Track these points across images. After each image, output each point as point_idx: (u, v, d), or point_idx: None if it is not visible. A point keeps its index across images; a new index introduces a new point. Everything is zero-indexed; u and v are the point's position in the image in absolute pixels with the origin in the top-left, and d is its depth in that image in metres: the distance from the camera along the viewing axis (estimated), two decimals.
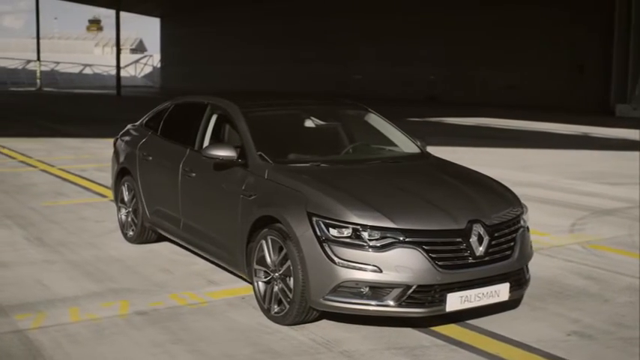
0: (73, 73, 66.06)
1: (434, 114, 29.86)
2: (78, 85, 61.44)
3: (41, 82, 54.07)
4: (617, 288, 6.20)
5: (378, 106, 27.46)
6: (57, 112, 28.13)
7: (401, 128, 6.84)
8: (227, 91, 7.67)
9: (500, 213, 5.17)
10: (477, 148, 17.14)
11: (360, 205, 4.88)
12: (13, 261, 6.77)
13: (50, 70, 64.64)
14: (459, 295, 4.83)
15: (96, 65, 68.70)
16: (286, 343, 4.85)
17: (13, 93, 47.05)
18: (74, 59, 67.82)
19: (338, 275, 4.73)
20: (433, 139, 18.85)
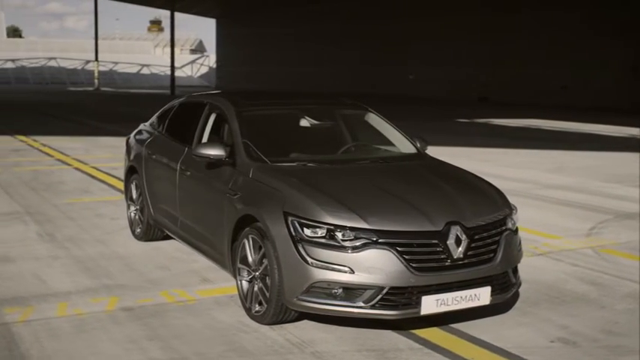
0: (130, 73, 67.34)
1: (483, 115, 29.50)
2: (135, 85, 62.57)
3: (99, 81, 55.24)
4: (618, 294, 6.02)
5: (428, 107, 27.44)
6: (107, 111, 28.70)
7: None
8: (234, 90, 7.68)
9: (482, 215, 5.07)
10: (515, 150, 16.84)
11: (335, 205, 4.83)
12: (19, 256, 6.91)
13: (109, 70, 66.03)
14: (435, 298, 4.74)
15: (153, 65, 69.85)
16: (260, 343, 4.84)
17: (70, 93, 48.16)
18: (132, 59, 69.07)
19: (311, 275, 4.70)
20: (474, 140, 18.68)
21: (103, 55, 64.39)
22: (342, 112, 6.79)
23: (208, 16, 66.28)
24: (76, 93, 47.83)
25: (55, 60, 65.36)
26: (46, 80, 62.30)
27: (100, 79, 56.58)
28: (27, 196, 9.99)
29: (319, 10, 50.77)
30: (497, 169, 13.27)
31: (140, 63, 68.69)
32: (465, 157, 14.84)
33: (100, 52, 60.63)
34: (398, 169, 5.83)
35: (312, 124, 6.25)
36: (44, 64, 65.17)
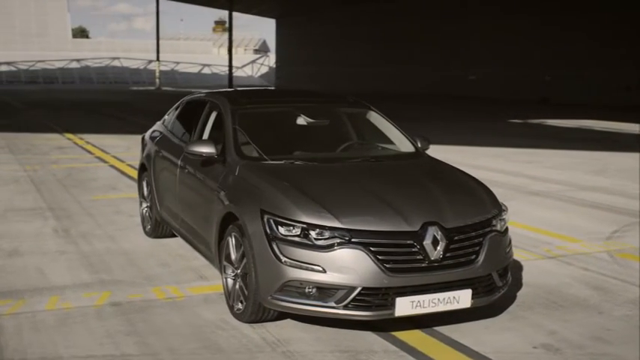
0: (191, 73, 68.28)
1: (539, 115, 28.87)
2: (196, 84, 63.36)
3: (160, 81, 56.17)
4: (621, 300, 5.80)
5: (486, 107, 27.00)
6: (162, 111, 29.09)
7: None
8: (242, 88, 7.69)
9: (465, 216, 4.94)
10: (563, 151, 16.40)
11: (310, 204, 4.78)
12: (29, 250, 7.05)
13: (170, 70, 67.09)
14: (410, 299, 4.64)
15: (214, 65, 70.65)
16: (235, 341, 4.83)
17: (130, 92, 49.06)
18: (194, 59, 70.02)
19: (284, 274, 4.66)
20: (522, 141, 18.28)
21: (165, 55, 65.53)
22: (344, 110, 6.73)
23: (268, 16, 66.74)
24: (136, 92, 48.71)
25: (119, 60, 66.75)
26: (109, 80, 63.69)
27: (162, 78, 57.55)
28: (55, 193, 10.20)
29: (380, 10, 50.55)
30: (537, 170, 12.98)
31: (201, 63, 69.57)
32: (505, 159, 14.58)
33: (162, 52, 61.67)
34: (388, 168, 5.74)
35: (308, 123, 6.20)
36: (108, 64, 66.62)
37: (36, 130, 19.41)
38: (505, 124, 24.37)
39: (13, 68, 61.48)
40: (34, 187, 10.67)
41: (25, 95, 40.44)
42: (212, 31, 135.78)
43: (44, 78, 61.34)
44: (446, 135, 18.86)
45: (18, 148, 15.56)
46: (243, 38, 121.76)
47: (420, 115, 26.67)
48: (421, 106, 34.08)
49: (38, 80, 60.69)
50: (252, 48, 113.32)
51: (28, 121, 22.55)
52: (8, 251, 7.00)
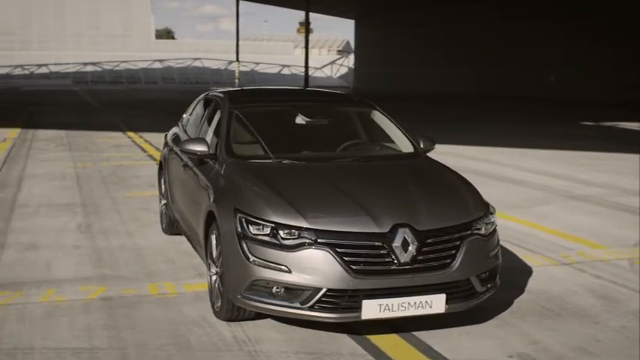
0: (271, 74, 68.90)
1: (615, 118, 27.88)
2: (275, 84, 63.97)
3: (240, 81, 56.92)
4: (624, 311, 5.54)
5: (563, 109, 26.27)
6: None
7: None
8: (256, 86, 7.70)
9: (442, 218, 4.80)
10: (625, 154, 15.78)
11: (280, 203, 4.76)
12: (46, 245, 7.26)
13: (250, 71, 67.88)
14: (378, 302, 4.55)
15: (294, 66, 71.13)
16: (206, 338, 4.85)
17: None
18: (274, 60, 70.69)
19: (251, 273, 4.66)
20: (585, 144, 17.72)
21: (246, 55, 66.34)
22: (347, 109, 6.67)
23: (347, 17, 66.72)
24: None
25: (200, 60, 67.98)
26: (190, 80, 64.92)
27: (242, 78, 58.27)
28: (94, 189, 10.47)
29: (460, 11, 49.83)
30: (587, 174, 12.54)
31: (281, 63, 70.16)
32: (557, 161, 14.17)
33: (243, 53, 62.44)
34: (375, 169, 5.64)
35: (306, 122, 6.16)
36: (189, 64, 67.93)
37: (101, 129, 19.96)
38: (574, 127, 23.66)
39: (98, 68, 63.45)
40: (76, 183, 10.98)
41: (106, 95, 41.65)
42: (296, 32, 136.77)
43: (127, 78, 63.05)
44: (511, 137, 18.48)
45: (77, 145, 16.04)
46: (327, 39, 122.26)
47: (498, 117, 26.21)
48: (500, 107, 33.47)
49: (122, 80, 62.42)
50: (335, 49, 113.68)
51: (98, 120, 23.20)
52: (26, 245, 7.22)
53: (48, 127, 20.41)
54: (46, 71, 61.17)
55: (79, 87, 52.53)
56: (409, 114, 28.89)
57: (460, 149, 16.00)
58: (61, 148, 15.62)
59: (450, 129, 21.37)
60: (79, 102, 34.66)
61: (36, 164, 13.01)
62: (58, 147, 15.75)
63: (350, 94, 7.16)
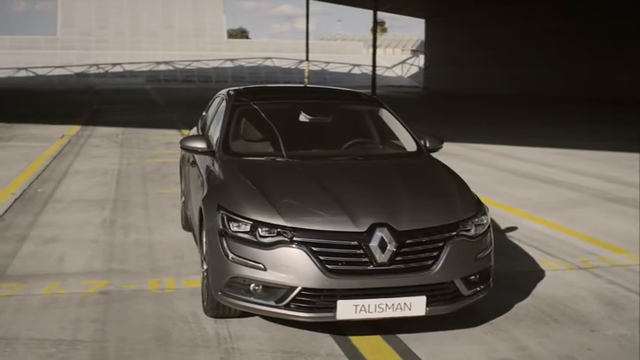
0: (341, 73, 69.01)
1: None
2: (345, 84, 64.05)
3: (309, 80, 57.18)
4: (627, 318, 5.32)
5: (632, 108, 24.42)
6: None
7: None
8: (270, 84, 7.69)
9: (423, 219, 4.69)
10: None
11: (260, 201, 4.74)
12: (66, 239, 7.43)
13: (320, 70, 68.12)
14: (354, 303, 4.49)
15: (364, 65, 71.00)
16: (188, 334, 4.87)
17: None
18: (345, 60, 70.74)
19: (229, 270, 4.66)
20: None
21: (316, 55, 66.66)
22: (355, 107, 6.60)
23: (417, 16, 66.23)
24: None
25: (271, 60, 68.58)
26: (261, 79, 65.52)
27: (312, 78, 58.55)
28: (130, 185, 10.67)
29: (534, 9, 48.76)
30: (633, 176, 12.10)
31: (351, 63, 70.15)
32: (610, 164, 13.72)
33: (313, 53, 62.70)
34: (368, 167, 5.57)
35: (310, 120, 6.13)
36: (260, 63, 68.61)
37: (158, 127, 20.32)
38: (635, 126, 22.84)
39: (170, 67, 64.67)
40: (116, 179, 11.21)
41: (174, 93, 42.43)
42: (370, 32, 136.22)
43: (199, 77, 64.07)
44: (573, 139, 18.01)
45: (130, 143, 16.38)
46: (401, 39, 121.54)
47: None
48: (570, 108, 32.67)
49: (193, 79, 63.48)
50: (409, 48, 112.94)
51: (158, 118, 23.64)
52: (46, 239, 7.40)
53: (107, 125, 20.93)
54: (121, 70, 62.69)
55: (151, 85, 53.66)
56: (474, 115, 28.53)
57: (514, 150, 15.68)
58: (113, 145, 15.98)
59: (513, 130, 20.99)
60: (145, 100, 35.40)
61: (83, 160, 13.34)
62: (111, 144, 16.12)
63: (359, 92, 7.08)
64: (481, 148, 16.15)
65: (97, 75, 61.42)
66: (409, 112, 29.36)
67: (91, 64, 62.52)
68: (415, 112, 30.21)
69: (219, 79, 64.18)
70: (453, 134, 19.22)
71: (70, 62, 62.10)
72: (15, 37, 65.79)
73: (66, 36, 66.54)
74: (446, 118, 26.79)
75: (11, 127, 19.93)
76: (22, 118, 22.80)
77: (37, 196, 9.70)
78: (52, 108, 28.54)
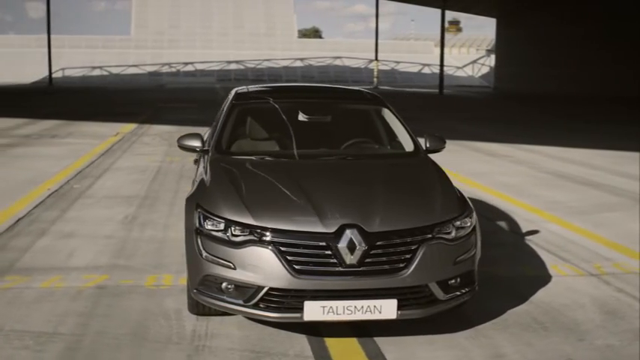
0: (411, 72, 68.61)
1: None
2: (415, 83, 63.70)
3: (378, 80, 57.06)
4: (622, 329, 5.11)
5: None
6: None
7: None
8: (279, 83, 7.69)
9: (396, 221, 4.61)
10: None
11: (234, 200, 4.75)
12: (83, 234, 7.61)
13: (390, 70, 67.86)
14: (321, 304, 4.44)
15: (434, 65, 70.35)
16: (165, 331, 4.92)
17: None
18: (415, 59, 70.27)
19: (202, 268, 4.68)
20: None
21: (386, 54, 66.39)
22: (356, 107, 6.54)
23: (488, 15, 65.22)
24: None
25: (341, 59, 68.68)
26: (330, 78, 65.66)
27: (382, 77, 58.40)
28: (165, 183, 10.84)
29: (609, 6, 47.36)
30: None
31: (421, 62, 69.62)
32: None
33: (384, 52, 62.47)
34: (356, 167, 5.50)
35: (308, 119, 6.11)
36: (330, 63, 68.80)
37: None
38: None
39: (241, 67, 65.52)
40: (153, 176, 11.41)
41: None
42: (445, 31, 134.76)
43: (269, 76, 64.65)
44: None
45: None
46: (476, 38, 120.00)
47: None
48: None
49: (264, 78, 64.05)
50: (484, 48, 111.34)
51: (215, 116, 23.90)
52: (64, 234, 7.59)
53: (164, 123, 21.30)
54: (192, 69, 63.83)
55: (221, 84, 54.41)
56: (538, 115, 27.93)
57: (567, 152, 15.28)
58: (162, 143, 16.25)
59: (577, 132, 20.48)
60: (211, 99, 35.83)
61: (128, 158, 13.63)
62: (161, 142, 16.41)
63: (363, 91, 7.01)
64: (532, 149, 15.79)
65: (169, 74, 62.65)
66: (472, 112, 29.02)
67: (163, 63, 63.87)
68: (478, 111, 29.81)
69: (288, 78, 64.61)
70: (508, 135, 18.91)
71: (143, 61, 63.58)
72: (90, 37, 67.75)
73: (139, 35, 68.13)
74: (506, 118, 26.34)
75: (71, 124, 20.53)
76: (85, 116, 23.47)
77: (71, 192, 9.95)
78: (118, 106, 29.26)
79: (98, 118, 22.65)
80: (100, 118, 22.65)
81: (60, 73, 58.33)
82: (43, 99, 34.05)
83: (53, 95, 37.63)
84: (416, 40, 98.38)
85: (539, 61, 55.36)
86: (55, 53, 54.05)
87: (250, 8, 72.47)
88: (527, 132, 19.98)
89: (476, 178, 11.63)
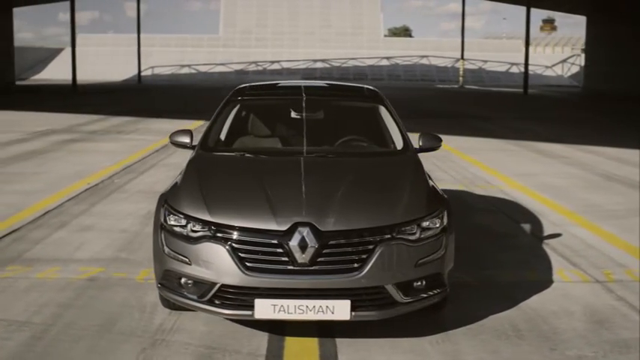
0: (499, 72, 67.27)
1: None
2: (502, 83, 62.52)
3: (464, 79, 56.27)
4: (604, 339, 4.86)
5: None
6: (440, 112, 29.34)
7: None
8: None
9: (353, 220, 4.51)
10: None
11: (196, 196, 4.77)
12: (100, 227, 7.81)
13: (477, 69, 66.76)
14: (272, 303, 4.40)
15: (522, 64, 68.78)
16: (133, 324, 4.99)
17: (428, 89, 49.69)
18: (503, 58, 68.90)
19: (164, 263, 4.73)
20: None
21: (474, 53, 65.42)
22: (352, 104, 6.46)
23: (579, 13, 63.22)
24: (433, 90, 49.18)
25: (427, 58, 68.02)
26: (416, 77, 65.22)
27: (468, 76, 57.57)
28: None
29: None
30: None
31: (510, 62, 68.19)
32: None
33: (471, 51, 61.60)
34: (331, 165, 5.40)
35: (301, 117, 6.06)
36: (416, 62, 68.22)
37: None
38: None
39: (327, 65, 65.75)
40: None
41: None
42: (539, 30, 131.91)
43: (355, 75, 64.61)
44: None
45: None
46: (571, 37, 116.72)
47: None
48: None
49: (349, 77, 64.06)
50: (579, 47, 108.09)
51: None
52: (82, 227, 7.80)
53: None
54: (278, 67, 64.47)
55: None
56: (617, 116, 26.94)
57: (626, 153, 14.69)
58: None
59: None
60: None
61: (179, 155, 13.82)
62: None
63: (361, 87, 6.89)
64: (595, 150, 15.22)
65: (256, 72, 63.48)
66: (549, 113, 28.22)
67: (250, 62, 64.79)
68: (555, 112, 28.98)
69: (374, 77, 64.46)
70: (576, 136, 18.31)
71: (231, 60, 64.66)
72: (180, 36, 69.35)
73: (227, 35, 69.31)
74: (583, 119, 25.49)
75: (141, 121, 21.08)
76: (158, 113, 24.08)
77: (109, 187, 10.22)
78: (194, 103, 29.87)
79: (170, 115, 23.19)
80: (172, 115, 23.17)
81: (149, 72, 60.01)
82: (126, 96, 35.14)
83: (138, 93, 38.78)
84: (508, 39, 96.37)
85: (633, 60, 53.29)
86: (145, 52, 55.71)
87: (337, 7, 72.62)
88: (599, 133, 19.29)
89: (520, 178, 11.30)
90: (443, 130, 18.97)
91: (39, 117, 22.22)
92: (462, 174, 11.74)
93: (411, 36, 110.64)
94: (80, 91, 38.65)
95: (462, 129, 19.78)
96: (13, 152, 13.89)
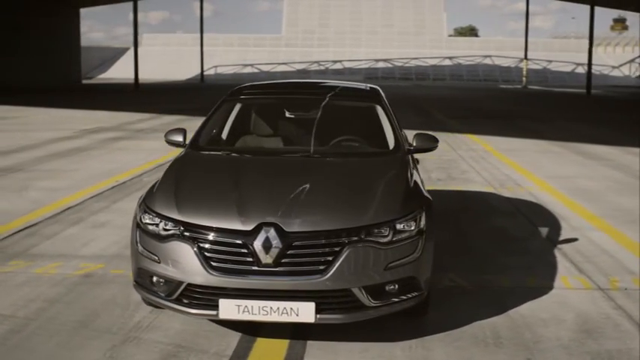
0: (563, 72, 65.97)
1: None
2: (566, 83, 61.24)
3: (527, 79, 55.34)
4: (588, 350, 4.67)
5: None
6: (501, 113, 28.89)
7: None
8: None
9: (321, 221, 4.45)
10: None
11: (168, 195, 4.79)
12: (114, 224, 7.92)
13: (542, 69, 65.59)
14: (236, 303, 4.38)
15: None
16: (112, 320, 5.05)
17: (492, 90, 49.07)
18: (569, 58, 67.50)
19: (137, 261, 4.77)
20: None
21: (538, 53, 64.30)
22: (349, 104, 6.38)
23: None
24: (497, 90, 48.54)
25: (490, 58, 67.10)
26: (479, 77, 64.49)
27: (532, 77, 56.58)
28: None
29: None
30: None
31: (575, 62, 66.71)
32: None
33: (535, 51, 60.58)
34: (312, 166, 5.33)
35: (295, 117, 6.03)
36: (479, 61, 67.38)
37: None
38: None
39: (389, 65, 65.52)
40: None
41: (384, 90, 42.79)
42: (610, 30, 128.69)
43: (416, 75, 64.31)
44: None
45: None
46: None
47: None
48: None
49: (411, 77, 63.82)
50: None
51: None
52: (97, 223, 7.94)
53: None
54: (340, 67, 64.54)
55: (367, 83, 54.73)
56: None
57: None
58: None
59: None
60: None
61: None
62: None
63: (361, 87, 6.80)
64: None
65: (318, 72, 63.69)
66: (606, 114, 27.45)
67: (312, 61, 65.04)
68: (613, 113, 28.21)
69: (436, 77, 64.03)
70: (626, 138, 17.77)
71: (293, 59, 65.02)
72: (243, 36, 70.08)
73: (290, 34, 69.72)
74: (637, 121, 24.74)
75: (191, 119, 21.29)
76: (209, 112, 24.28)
77: (136, 184, 10.37)
78: None
79: None
80: None
81: (213, 71, 60.83)
82: (186, 95, 35.66)
83: (199, 92, 39.32)
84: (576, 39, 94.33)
85: None
86: (209, 52, 56.55)
87: (399, 7, 72.25)
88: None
89: (552, 181, 11.02)
90: (491, 130, 18.69)
91: (93, 115, 22.76)
92: (494, 175, 11.51)
93: (477, 35, 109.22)
94: (141, 90, 39.42)
95: (510, 130, 19.40)
96: (55, 150, 14.24)
